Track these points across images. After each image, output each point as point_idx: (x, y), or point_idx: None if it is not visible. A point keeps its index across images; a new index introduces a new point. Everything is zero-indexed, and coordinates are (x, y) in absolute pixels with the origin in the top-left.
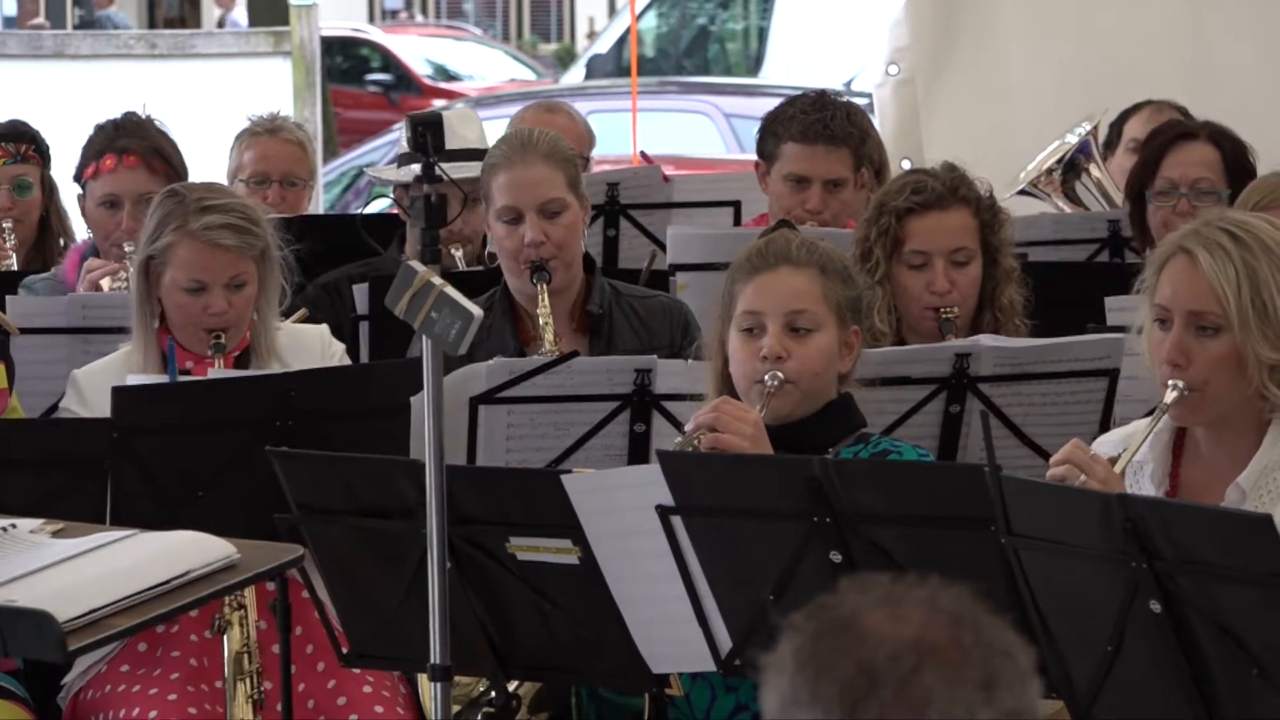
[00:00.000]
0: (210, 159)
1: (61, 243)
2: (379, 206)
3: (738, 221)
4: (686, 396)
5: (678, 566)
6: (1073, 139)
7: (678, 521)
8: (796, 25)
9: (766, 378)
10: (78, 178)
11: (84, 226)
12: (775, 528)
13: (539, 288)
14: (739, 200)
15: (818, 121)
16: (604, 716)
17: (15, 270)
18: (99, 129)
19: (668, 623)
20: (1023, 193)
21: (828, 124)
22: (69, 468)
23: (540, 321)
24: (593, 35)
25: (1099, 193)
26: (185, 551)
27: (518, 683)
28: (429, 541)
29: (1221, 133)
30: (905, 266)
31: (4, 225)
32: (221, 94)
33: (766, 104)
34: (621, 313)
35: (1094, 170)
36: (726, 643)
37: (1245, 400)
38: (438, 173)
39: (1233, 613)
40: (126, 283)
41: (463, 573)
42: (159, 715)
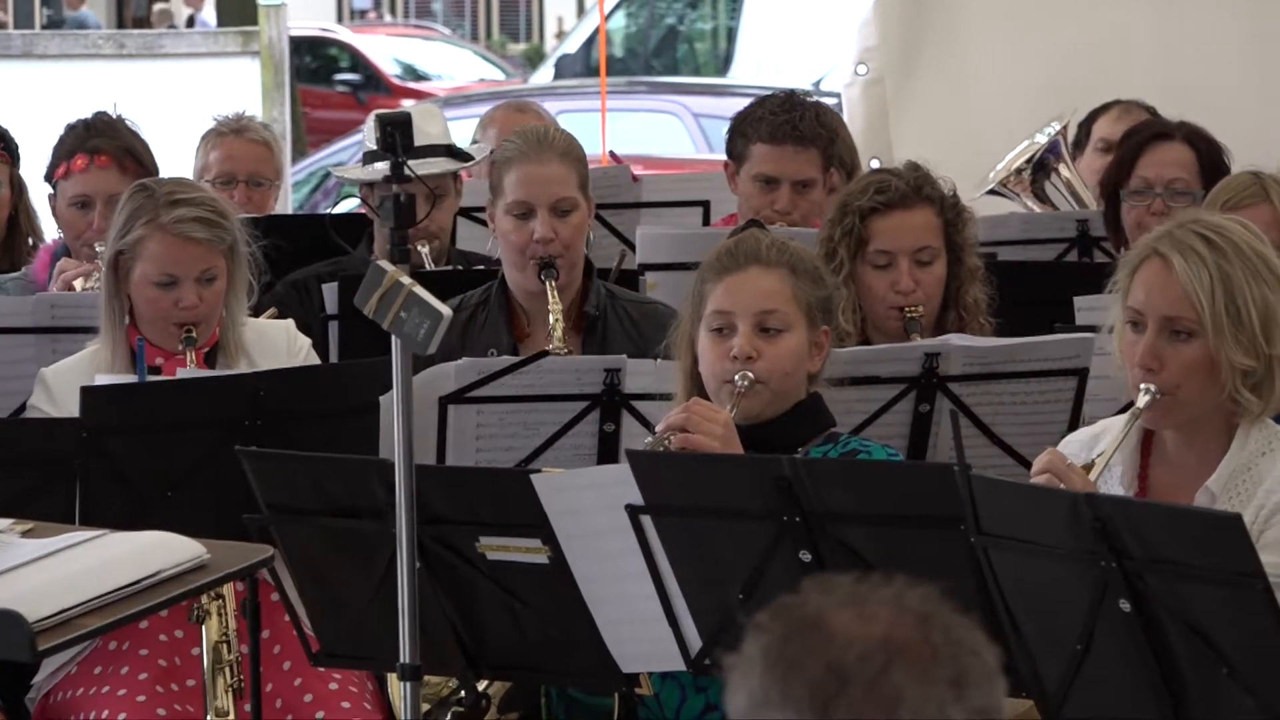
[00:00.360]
0: (179, 159)
1: (30, 242)
2: (348, 206)
3: (707, 221)
4: (656, 396)
5: (647, 566)
6: (1042, 139)
7: (647, 521)
8: (765, 25)
9: (736, 378)
10: (49, 177)
11: (53, 226)
12: (745, 527)
13: (548, 285)
14: (708, 200)
15: (786, 122)
16: (574, 716)
17: None
18: (70, 129)
19: (637, 622)
20: (992, 192)
21: (796, 125)
22: (38, 468)
23: (551, 319)
24: (561, 35)
25: (1068, 192)
26: (155, 551)
27: (487, 682)
28: (398, 541)
29: (1197, 133)
30: (870, 266)
31: None
32: (190, 94)
33: (735, 104)
34: (615, 316)
35: (1063, 170)
36: (696, 642)
37: (1216, 404)
38: (406, 173)
39: (1202, 612)
40: (99, 283)
41: (432, 572)
42: (128, 717)
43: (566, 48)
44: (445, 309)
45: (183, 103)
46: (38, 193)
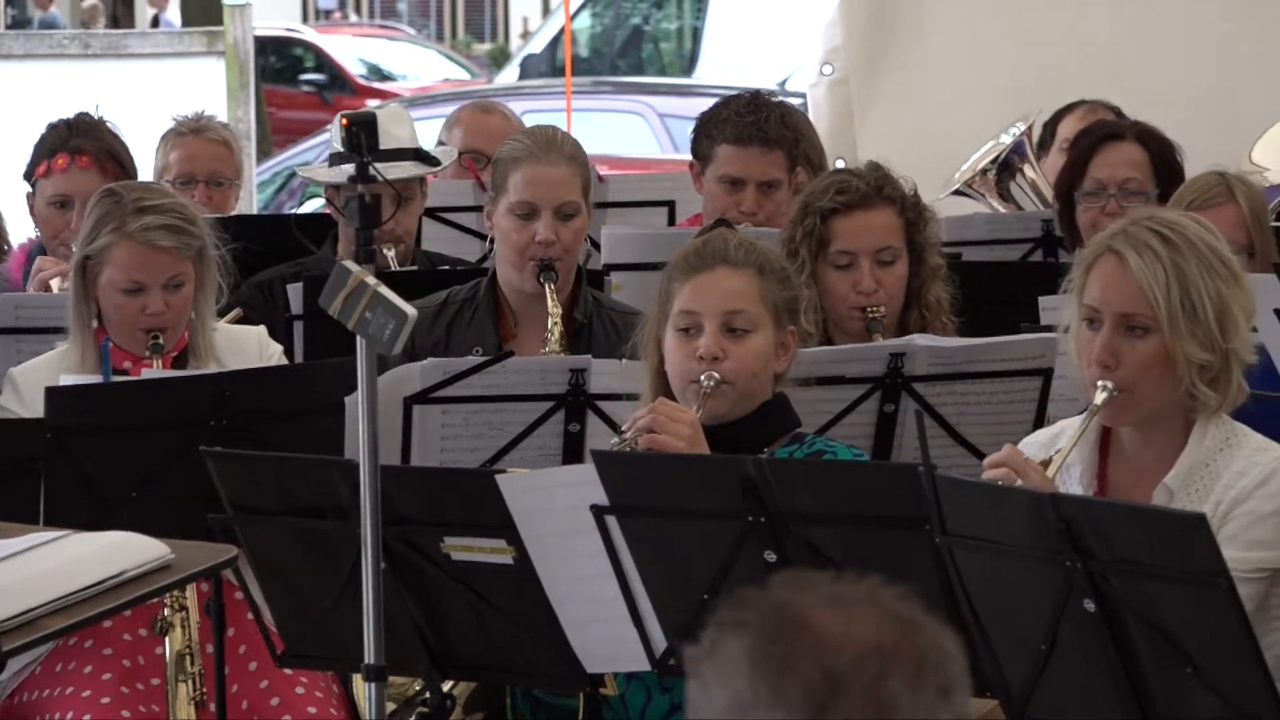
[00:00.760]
0: (144, 159)
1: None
2: (313, 206)
3: (672, 221)
4: (621, 396)
5: (612, 566)
6: (1007, 139)
7: (612, 521)
8: (730, 25)
9: (703, 378)
10: (28, 175)
11: (20, 227)
12: (710, 527)
13: (547, 288)
14: (673, 200)
15: (752, 123)
16: (539, 716)
17: None
18: (52, 128)
19: (603, 622)
20: (957, 193)
21: (761, 126)
22: (2, 468)
23: (550, 323)
24: (527, 35)
25: (1033, 192)
26: (119, 552)
27: (452, 683)
28: (363, 541)
29: (1149, 132)
30: (831, 267)
31: None
32: (155, 94)
33: (701, 104)
34: (601, 323)
35: (1028, 170)
36: (661, 642)
37: (1173, 400)
38: (372, 173)
39: (1166, 612)
40: None
41: (397, 573)
42: (92, 718)
43: (532, 48)
44: (410, 309)
45: (148, 103)
46: (3, 193)
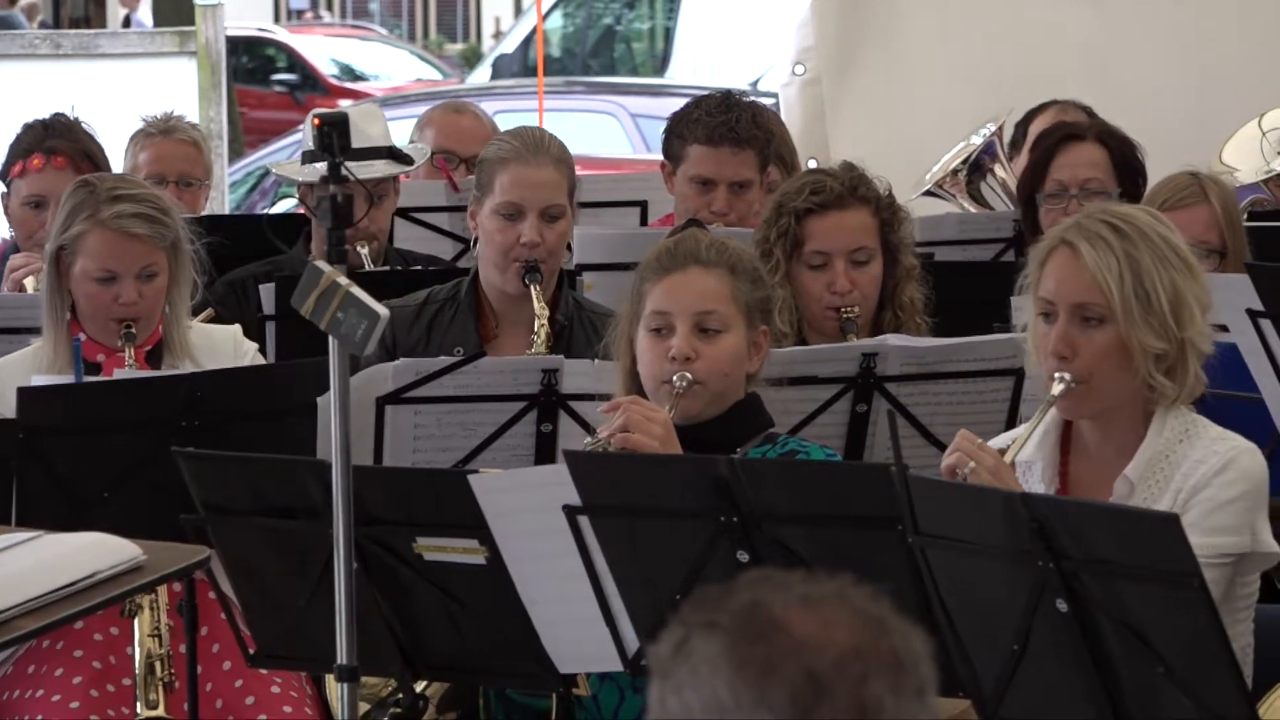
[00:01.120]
0: (116, 159)
1: None
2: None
3: (644, 221)
4: (593, 396)
5: (585, 566)
6: (978, 140)
7: (585, 521)
8: (702, 25)
9: (675, 378)
10: (3, 175)
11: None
12: (682, 527)
13: (533, 289)
14: (645, 200)
15: (723, 124)
16: (511, 717)
17: None
18: (28, 128)
19: (575, 623)
20: (928, 193)
21: (733, 126)
22: None
23: (536, 324)
24: (499, 35)
25: (1004, 193)
26: (91, 553)
27: (425, 683)
28: (335, 542)
29: (1109, 132)
30: (805, 267)
31: None
32: (127, 94)
33: (672, 104)
34: (582, 326)
35: (999, 171)
36: (634, 643)
37: (1131, 391)
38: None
39: (1138, 611)
40: None
41: (369, 573)
42: None
43: (504, 48)
44: (382, 310)
45: (119, 103)
46: None
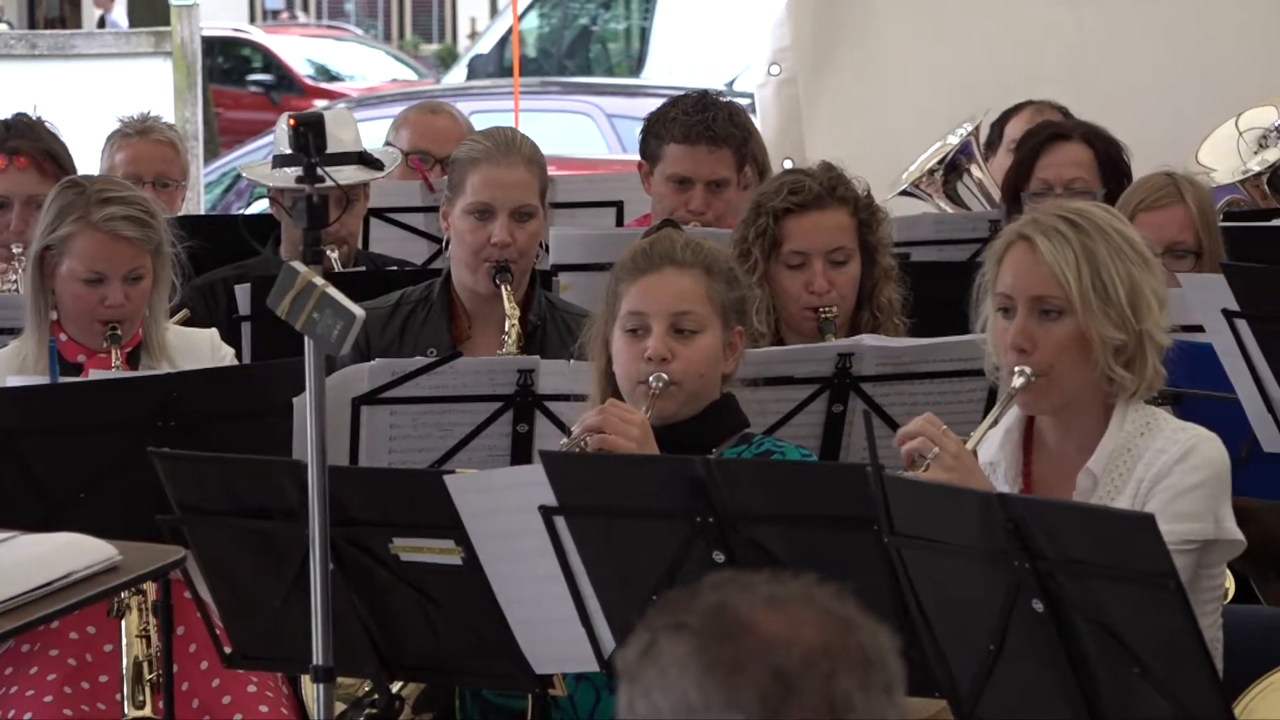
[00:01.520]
0: (91, 159)
1: None
2: (261, 207)
3: (620, 222)
4: (569, 397)
5: (561, 567)
6: (954, 140)
7: (560, 522)
8: (678, 25)
9: (651, 379)
10: None
11: None
12: (658, 528)
13: (503, 290)
14: (621, 200)
15: (700, 123)
16: (488, 717)
17: None
18: None
19: (551, 623)
20: (904, 193)
21: (710, 125)
22: None
23: (507, 324)
24: (474, 35)
25: (980, 193)
26: (66, 554)
27: (401, 683)
28: (311, 542)
29: (1095, 132)
30: (784, 267)
31: None
32: (102, 94)
33: (648, 104)
34: (555, 325)
35: (975, 171)
36: (610, 643)
37: (1091, 385)
38: (318, 174)
39: (1114, 611)
40: (16, 284)
41: (345, 574)
42: (34, 718)
43: (480, 48)
44: (358, 310)
45: (95, 103)
46: None
